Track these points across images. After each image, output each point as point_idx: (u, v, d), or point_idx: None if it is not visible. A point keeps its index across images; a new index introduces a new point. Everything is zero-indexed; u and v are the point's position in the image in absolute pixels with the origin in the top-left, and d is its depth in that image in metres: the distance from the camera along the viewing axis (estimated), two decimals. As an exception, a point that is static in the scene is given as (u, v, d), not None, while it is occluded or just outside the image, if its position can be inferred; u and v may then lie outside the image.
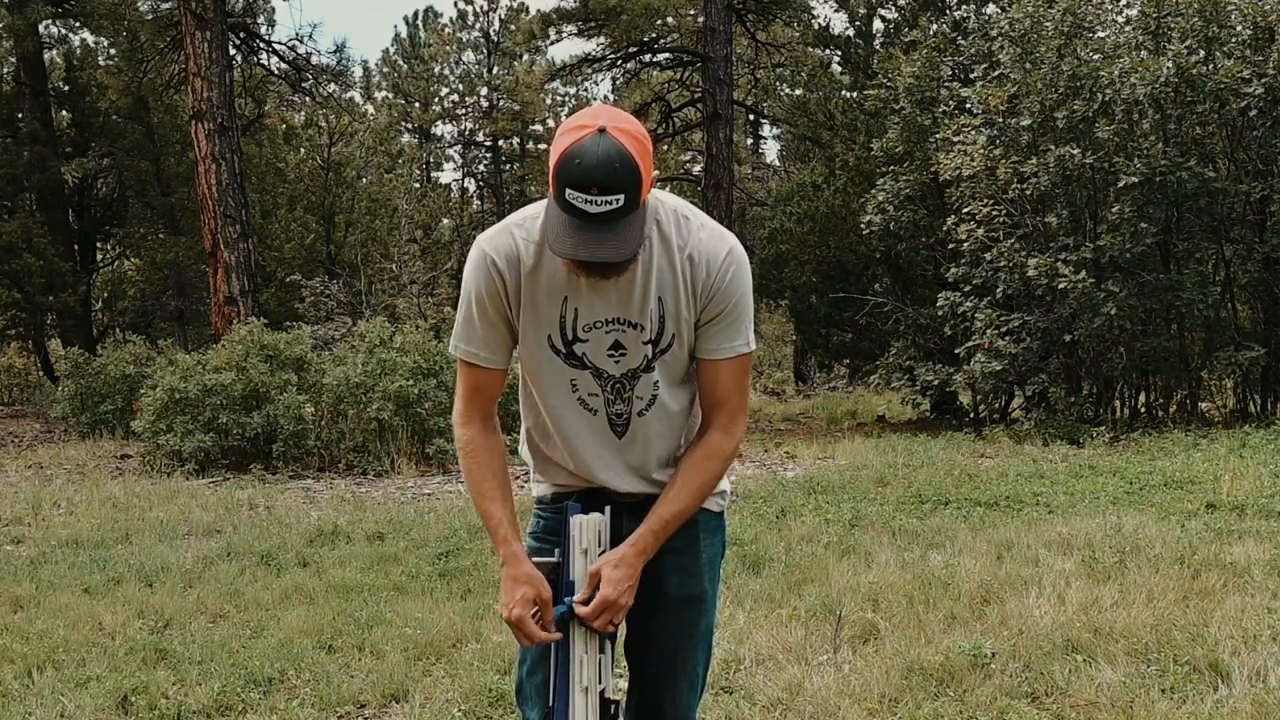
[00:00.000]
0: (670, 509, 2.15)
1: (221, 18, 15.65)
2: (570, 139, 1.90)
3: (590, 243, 1.90)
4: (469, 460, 2.22)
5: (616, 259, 1.92)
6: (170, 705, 3.89)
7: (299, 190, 24.07)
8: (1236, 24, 11.91)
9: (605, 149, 1.87)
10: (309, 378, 11.50)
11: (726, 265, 2.10)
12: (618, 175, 1.87)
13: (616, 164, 1.87)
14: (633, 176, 1.89)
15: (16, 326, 21.84)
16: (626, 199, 1.89)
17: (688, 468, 2.18)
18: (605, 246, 1.90)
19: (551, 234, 1.93)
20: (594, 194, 1.87)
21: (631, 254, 1.93)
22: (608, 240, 1.90)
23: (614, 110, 1.97)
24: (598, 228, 1.90)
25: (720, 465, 2.19)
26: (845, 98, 19.97)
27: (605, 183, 1.87)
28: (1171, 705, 3.59)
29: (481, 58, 37.37)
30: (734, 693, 3.88)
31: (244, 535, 7.18)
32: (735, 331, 2.14)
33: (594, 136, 1.88)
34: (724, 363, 2.15)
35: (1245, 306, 12.92)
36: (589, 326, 2.11)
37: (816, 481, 8.66)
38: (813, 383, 25.23)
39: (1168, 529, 6.10)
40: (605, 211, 1.88)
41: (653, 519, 2.14)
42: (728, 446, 2.19)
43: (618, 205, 1.88)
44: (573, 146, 1.88)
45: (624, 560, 2.10)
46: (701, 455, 2.18)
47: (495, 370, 2.20)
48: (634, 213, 1.92)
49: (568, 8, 21.63)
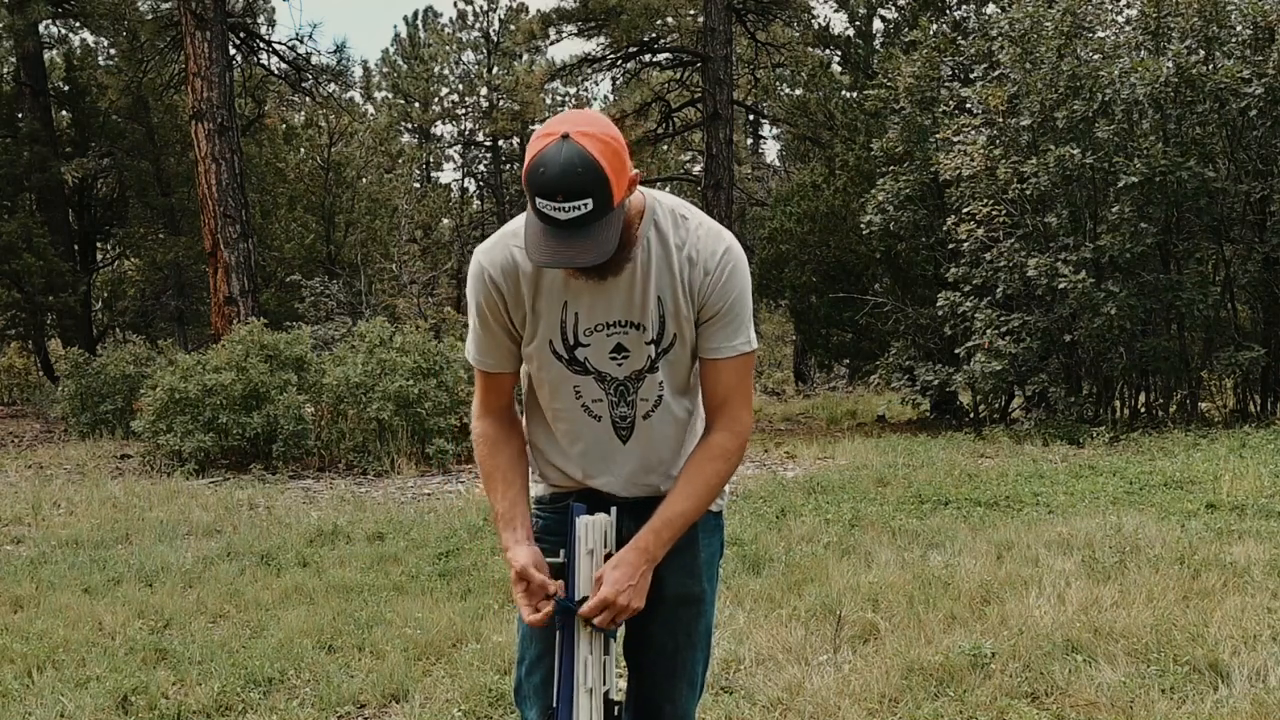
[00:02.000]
0: (673, 509, 2.14)
1: (221, 18, 15.65)
2: (536, 147, 1.91)
3: (564, 249, 1.90)
4: (480, 450, 2.25)
5: (591, 263, 1.92)
6: (170, 705, 3.89)
7: (299, 190, 24.09)
8: (1236, 24, 11.91)
9: (567, 155, 1.87)
10: (309, 378, 11.50)
11: (724, 264, 2.10)
12: (581, 180, 1.87)
13: (579, 169, 1.87)
14: (597, 180, 1.88)
15: (16, 326, 21.85)
16: (595, 203, 1.88)
17: (691, 468, 2.17)
18: (579, 251, 1.90)
19: (529, 242, 1.94)
20: (560, 200, 1.87)
21: (606, 256, 1.93)
22: (580, 244, 1.90)
23: (581, 114, 1.97)
24: (570, 233, 1.90)
25: (725, 465, 2.18)
26: (845, 98, 19.96)
27: (569, 188, 1.86)
28: (1171, 705, 3.59)
29: (481, 58, 37.36)
30: (734, 693, 3.88)
31: (244, 535, 7.18)
32: (735, 330, 2.14)
33: (556, 144, 1.88)
34: (725, 362, 2.15)
35: (1245, 306, 12.92)
36: (590, 330, 2.12)
37: (816, 481, 8.66)
38: (813, 383, 25.23)
39: (1168, 529, 6.10)
40: (575, 217, 1.88)
41: (655, 519, 2.13)
42: (732, 445, 2.18)
43: (587, 210, 1.88)
44: (537, 155, 1.89)
45: (623, 560, 2.10)
46: (705, 455, 2.18)
47: (506, 374, 2.24)
48: (607, 215, 1.92)
49: (568, 8, 21.63)
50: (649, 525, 2.13)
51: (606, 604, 2.07)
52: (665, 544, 2.14)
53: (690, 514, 2.16)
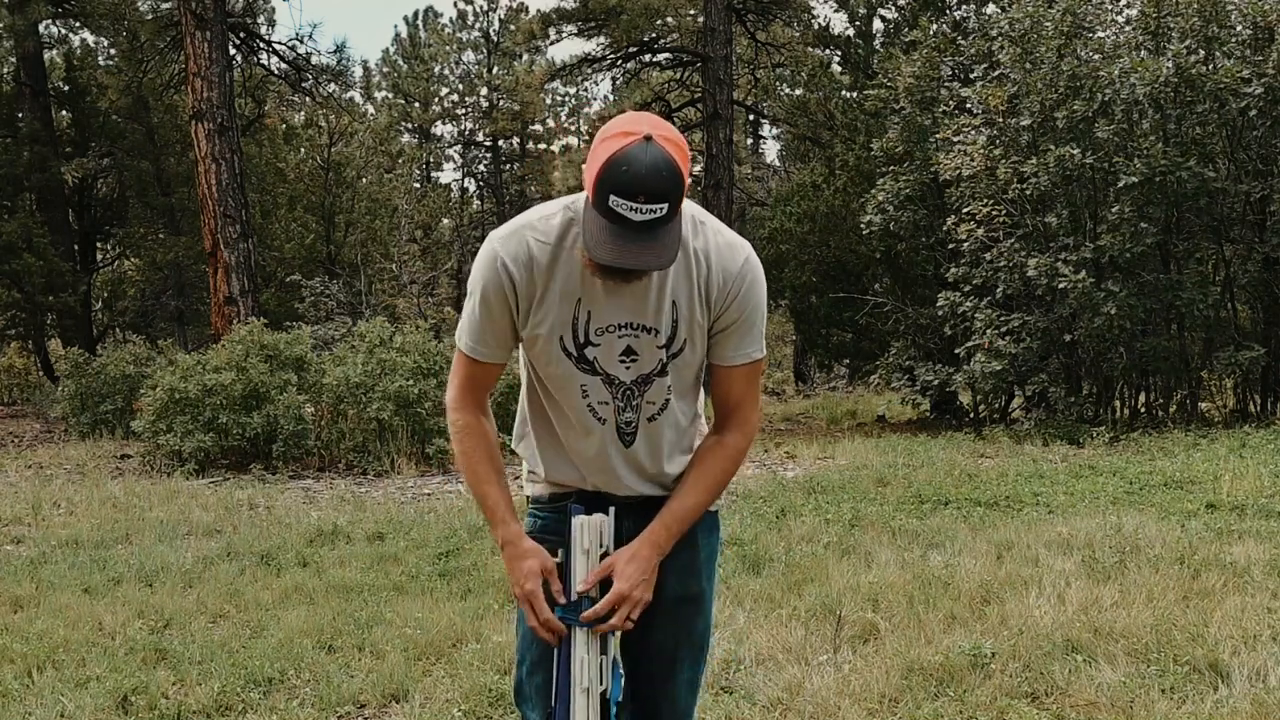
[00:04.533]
0: (684, 504, 2.16)
1: (221, 18, 15.65)
2: (615, 145, 1.88)
3: (634, 250, 1.88)
4: (466, 443, 2.22)
5: (659, 266, 1.91)
6: (170, 705, 3.89)
7: (299, 190, 24.08)
8: (1236, 24, 11.90)
9: (653, 157, 1.86)
10: (309, 378, 11.50)
11: (742, 276, 2.10)
12: (665, 184, 1.86)
13: (664, 172, 1.86)
14: (677, 185, 1.88)
15: (16, 326, 21.85)
16: (669, 207, 1.88)
17: (704, 465, 2.20)
18: (648, 254, 1.89)
19: (592, 240, 1.91)
20: (640, 202, 1.85)
21: (672, 260, 1.93)
22: (650, 248, 1.89)
23: (656, 118, 1.95)
24: (640, 235, 1.88)
25: (733, 464, 2.22)
26: (845, 98, 19.96)
27: (652, 190, 1.85)
28: (1171, 705, 3.59)
29: (481, 58, 37.37)
30: (734, 693, 3.88)
31: (244, 535, 7.18)
32: (750, 339, 2.15)
33: (641, 144, 1.86)
34: (738, 369, 2.17)
35: (1245, 306, 12.91)
36: (601, 330, 2.11)
37: (816, 481, 8.66)
38: (813, 383, 25.23)
39: (1168, 529, 6.10)
40: (650, 219, 1.87)
41: (666, 514, 2.15)
42: (743, 444, 2.22)
43: (661, 214, 1.87)
44: (619, 154, 1.86)
45: (637, 555, 2.11)
46: (717, 453, 2.20)
47: (494, 365, 2.21)
48: (675, 220, 1.92)
49: (568, 8, 21.64)
50: (659, 519, 2.14)
51: (623, 598, 2.07)
52: (674, 537, 2.15)
53: (700, 508, 2.19)
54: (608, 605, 2.07)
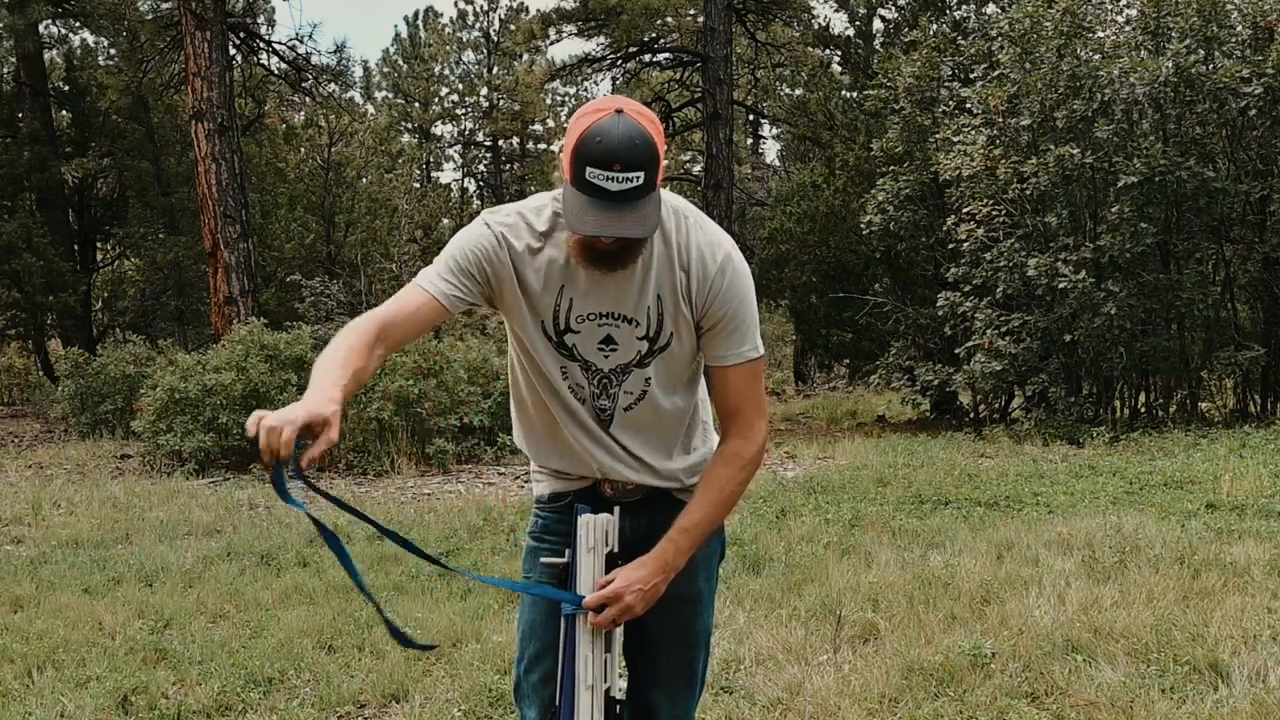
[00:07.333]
0: (691, 518, 2.13)
1: (221, 18, 15.65)
2: (588, 120, 1.92)
3: (613, 220, 1.90)
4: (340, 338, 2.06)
5: (639, 234, 1.92)
6: (170, 705, 3.89)
7: (299, 190, 24.06)
8: (1236, 24, 11.90)
9: (625, 127, 1.89)
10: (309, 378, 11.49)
11: (721, 272, 2.10)
12: (638, 152, 1.89)
13: (637, 141, 1.89)
14: (651, 154, 1.91)
15: (16, 326, 21.84)
16: (646, 177, 1.90)
17: (708, 477, 2.17)
18: (627, 223, 1.91)
19: (572, 215, 1.93)
20: (616, 170, 1.88)
21: (652, 231, 1.94)
22: (629, 216, 1.91)
23: (626, 98, 2.00)
24: (619, 205, 1.90)
25: (741, 471, 2.17)
26: (845, 98, 19.97)
27: (626, 158, 1.88)
28: (1171, 705, 3.59)
29: (481, 58, 37.38)
30: (734, 693, 3.88)
31: (244, 535, 7.18)
32: (741, 338, 2.14)
33: (612, 117, 1.90)
34: (733, 369, 2.15)
35: (1245, 306, 12.91)
36: (581, 319, 2.12)
37: (816, 481, 8.66)
38: (813, 383, 25.24)
39: (1168, 529, 6.10)
40: (626, 189, 1.89)
41: (673, 530, 2.13)
42: (748, 451, 2.17)
43: (638, 183, 1.89)
44: (592, 126, 1.90)
45: (643, 564, 2.09)
46: (721, 464, 2.17)
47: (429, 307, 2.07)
48: (652, 193, 1.94)
49: (568, 8, 21.65)
50: (667, 536, 2.12)
51: (613, 596, 2.06)
52: (684, 554, 2.13)
53: (707, 523, 2.15)
54: (599, 600, 2.07)
